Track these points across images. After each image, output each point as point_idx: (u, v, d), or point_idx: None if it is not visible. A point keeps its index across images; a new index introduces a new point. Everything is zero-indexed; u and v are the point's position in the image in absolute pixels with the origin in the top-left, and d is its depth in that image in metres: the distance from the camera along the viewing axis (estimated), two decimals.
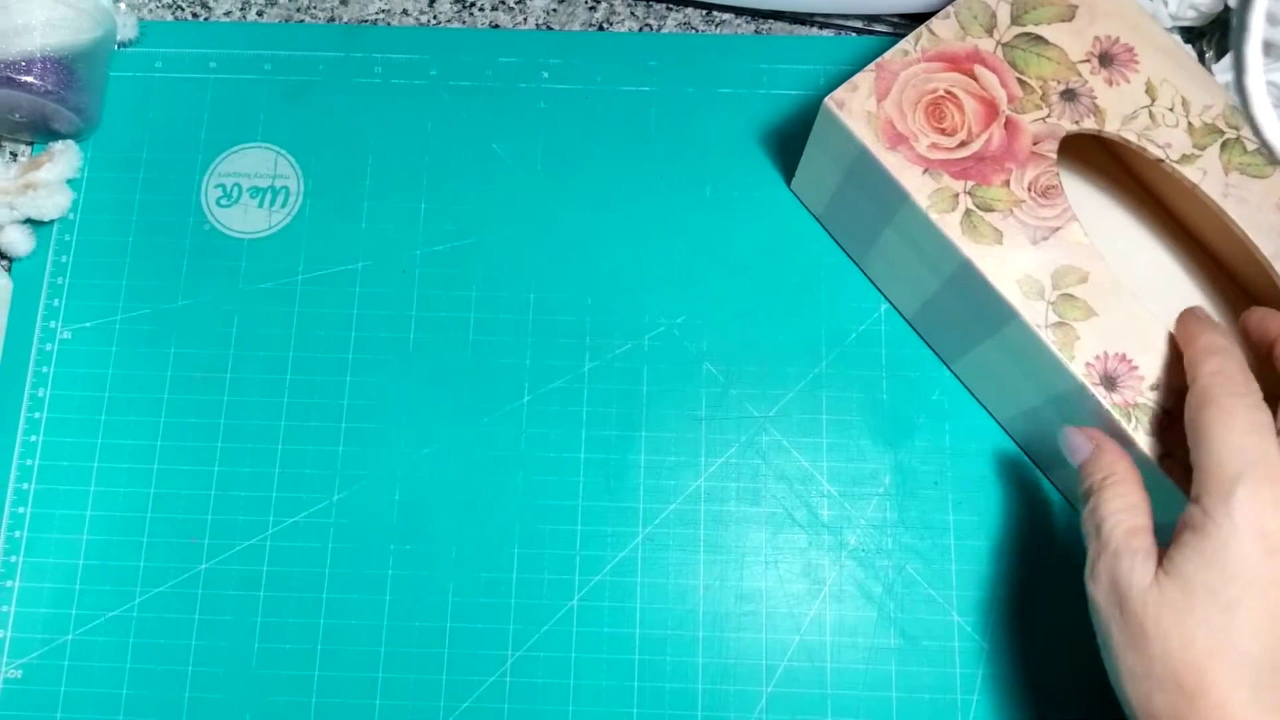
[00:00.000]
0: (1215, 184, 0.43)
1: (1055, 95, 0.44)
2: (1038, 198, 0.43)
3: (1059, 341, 0.41)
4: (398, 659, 0.47)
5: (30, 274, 0.51)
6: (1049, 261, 0.42)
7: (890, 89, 0.44)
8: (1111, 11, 0.45)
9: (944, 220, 0.42)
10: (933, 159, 0.43)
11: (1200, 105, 0.44)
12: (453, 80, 0.54)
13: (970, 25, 0.45)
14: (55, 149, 0.51)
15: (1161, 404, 0.40)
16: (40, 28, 0.48)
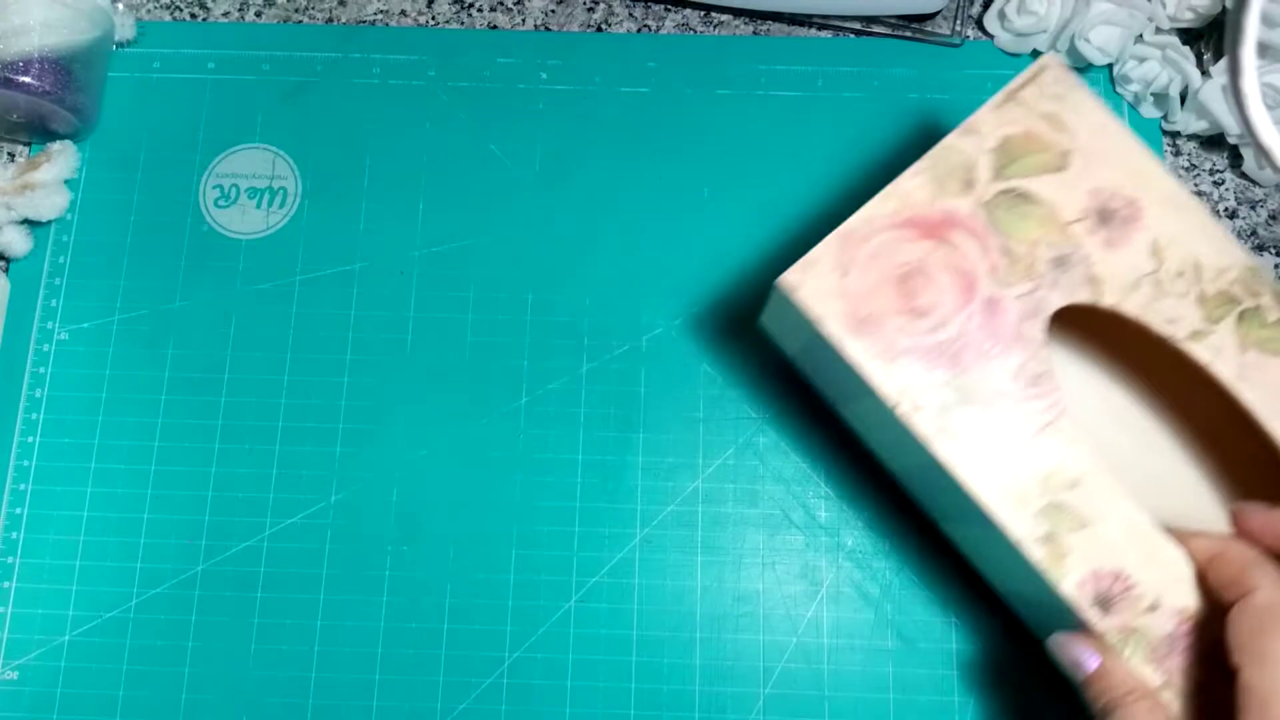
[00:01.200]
0: (1229, 364, 0.37)
1: (1045, 263, 0.38)
2: (1025, 388, 0.37)
3: (1047, 559, 0.36)
4: (395, 660, 0.47)
5: (28, 274, 0.51)
6: (1036, 463, 0.37)
7: (854, 262, 0.38)
8: (1111, 158, 0.39)
9: (917, 420, 0.37)
10: (903, 345, 0.38)
11: (1215, 269, 0.38)
12: (451, 81, 0.54)
13: (946, 182, 0.39)
14: (53, 149, 0.51)
15: (1161, 629, 0.35)
16: (38, 28, 0.48)
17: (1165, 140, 0.53)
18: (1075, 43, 0.52)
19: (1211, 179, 0.53)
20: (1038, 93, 0.40)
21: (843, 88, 0.54)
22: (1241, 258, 0.38)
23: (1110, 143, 0.39)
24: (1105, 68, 0.54)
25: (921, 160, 0.39)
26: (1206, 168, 0.53)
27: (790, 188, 0.52)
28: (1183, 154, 0.53)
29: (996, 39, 0.54)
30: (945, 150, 0.39)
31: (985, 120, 0.39)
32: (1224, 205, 0.53)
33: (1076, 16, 0.52)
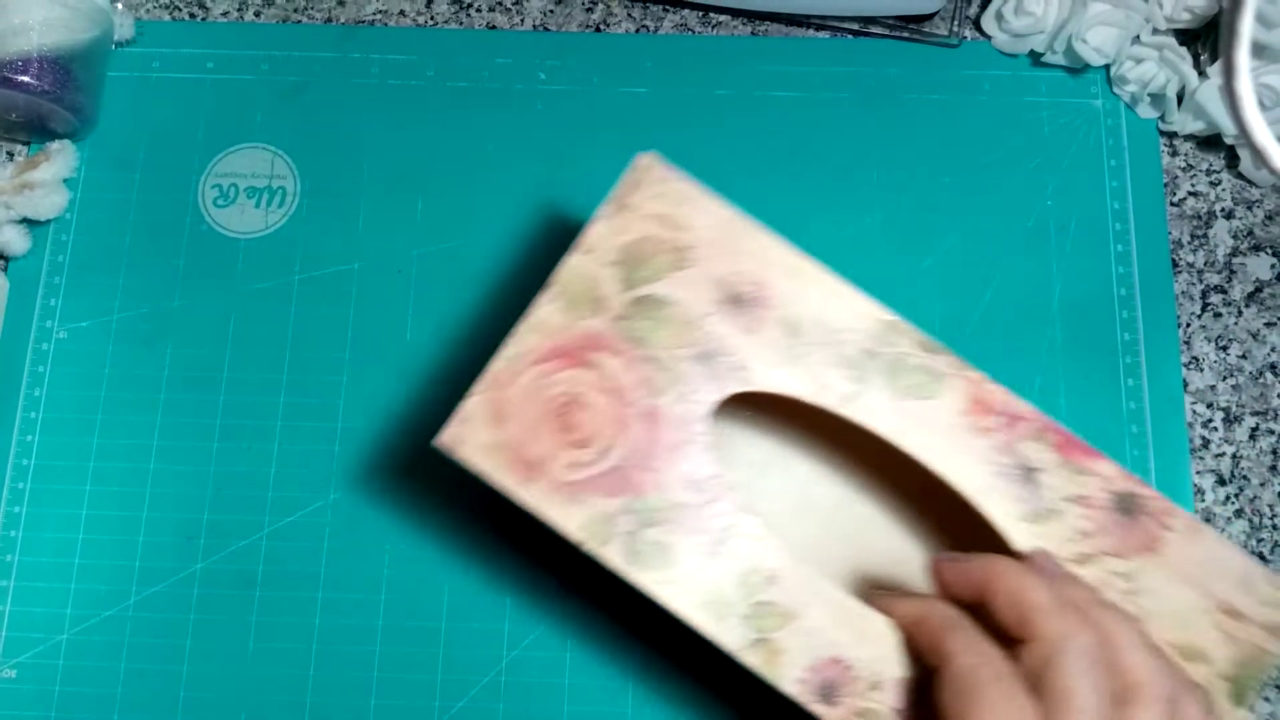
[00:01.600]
0: (886, 419, 0.37)
1: (690, 363, 0.37)
2: (701, 494, 0.37)
3: (763, 663, 0.35)
4: (393, 659, 0.47)
5: (27, 274, 0.51)
6: (730, 568, 0.36)
7: (508, 405, 0.37)
8: (729, 243, 0.39)
9: (607, 553, 0.36)
10: (575, 480, 0.36)
11: (850, 329, 0.38)
12: (450, 81, 0.54)
13: (577, 304, 0.38)
14: (52, 149, 0.51)
15: (890, 704, 0.35)
16: (37, 27, 0.48)
17: (1162, 141, 0.53)
18: (1072, 43, 0.52)
19: (1208, 179, 0.53)
20: (645, 195, 0.39)
21: (840, 88, 0.54)
22: (875, 313, 0.38)
23: (725, 228, 0.39)
24: (1102, 68, 0.54)
25: (551, 287, 0.38)
26: (1203, 168, 0.53)
27: (788, 188, 0.53)
28: (1179, 154, 0.53)
29: (994, 40, 0.54)
30: (569, 272, 0.38)
31: (600, 234, 0.38)
32: (1220, 205, 0.53)
33: (1074, 17, 0.52)
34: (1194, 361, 0.51)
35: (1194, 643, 0.36)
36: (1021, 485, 0.37)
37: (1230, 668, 0.36)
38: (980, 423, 0.37)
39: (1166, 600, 0.37)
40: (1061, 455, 0.37)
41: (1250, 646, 0.36)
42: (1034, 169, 0.53)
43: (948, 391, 0.38)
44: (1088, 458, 0.37)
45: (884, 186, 0.53)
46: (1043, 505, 0.37)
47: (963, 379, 0.38)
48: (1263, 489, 0.49)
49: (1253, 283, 0.52)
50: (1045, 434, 0.37)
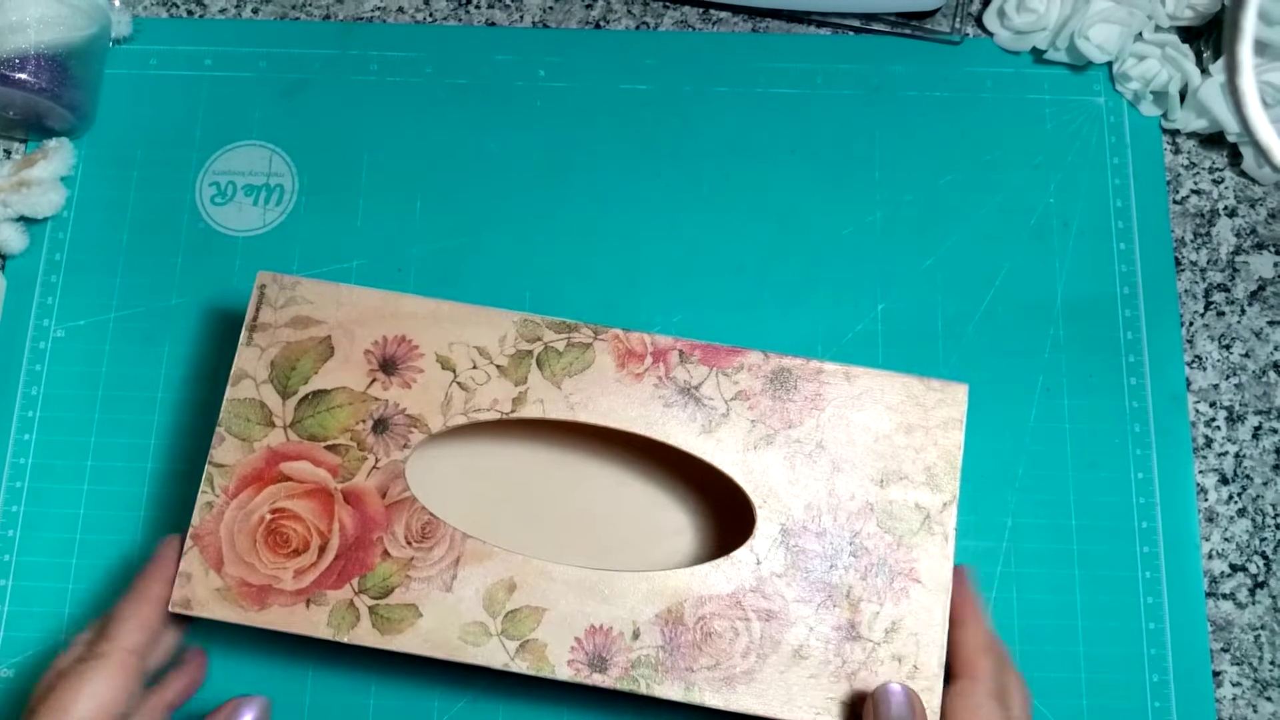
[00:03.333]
0: (560, 404, 0.41)
1: (369, 435, 0.40)
2: (420, 544, 0.39)
3: (533, 664, 0.38)
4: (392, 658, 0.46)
5: (24, 272, 0.51)
6: (472, 596, 0.39)
7: (221, 549, 0.39)
8: (359, 314, 0.41)
9: (358, 635, 0.38)
10: (306, 585, 0.39)
11: (495, 341, 0.41)
12: (449, 78, 0.54)
13: (249, 430, 0.40)
14: (49, 146, 0.51)
15: (654, 644, 0.39)
16: (34, 25, 0.48)
17: (1165, 138, 0.53)
18: (1075, 40, 0.52)
19: (1211, 177, 0.53)
20: (271, 311, 0.42)
21: (842, 85, 0.54)
22: (508, 318, 0.42)
23: (354, 307, 0.42)
24: (1105, 66, 0.54)
25: (218, 430, 0.41)
26: (1206, 166, 0.53)
27: (789, 186, 0.52)
28: (1182, 152, 0.53)
29: (996, 37, 0.54)
30: (229, 410, 0.41)
31: (247, 361, 0.41)
32: (1223, 203, 0.52)
33: (1076, 14, 0.51)
34: (1197, 360, 0.51)
35: (889, 468, 0.40)
36: (689, 406, 0.41)
37: (926, 475, 0.40)
38: (634, 370, 0.41)
39: (851, 443, 0.41)
40: (709, 366, 0.41)
41: (934, 448, 0.41)
42: (1036, 167, 0.53)
43: (598, 357, 0.41)
44: (731, 357, 0.41)
45: (885, 184, 0.52)
46: (714, 414, 0.41)
47: (606, 341, 0.41)
48: (1265, 488, 0.49)
49: (1255, 281, 0.52)
50: (689, 355, 0.41)
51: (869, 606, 0.39)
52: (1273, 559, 0.48)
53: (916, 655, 0.39)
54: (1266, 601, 0.48)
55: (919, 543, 0.40)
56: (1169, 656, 0.47)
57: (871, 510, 0.40)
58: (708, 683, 0.38)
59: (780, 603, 0.39)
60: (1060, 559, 0.48)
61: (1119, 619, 0.47)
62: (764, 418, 0.41)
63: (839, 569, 0.39)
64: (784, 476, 0.40)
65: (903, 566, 0.39)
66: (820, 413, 0.41)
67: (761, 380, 0.41)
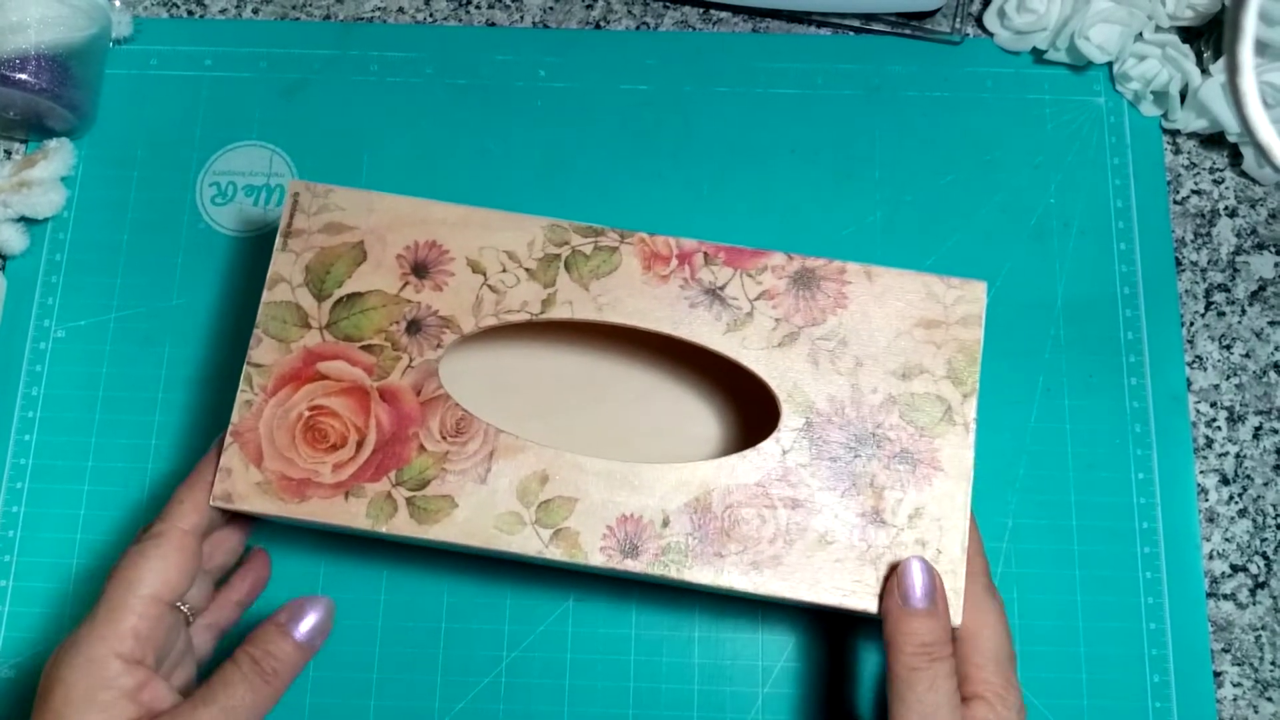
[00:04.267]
0: (588, 306, 0.42)
1: (402, 336, 0.41)
2: (455, 439, 0.40)
3: (567, 551, 0.39)
4: (393, 659, 0.46)
5: (24, 272, 0.51)
6: (505, 488, 0.40)
7: (261, 445, 0.40)
8: (391, 220, 0.43)
9: (396, 525, 0.40)
10: (345, 479, 0.40)
11: (524, 246, 0.42)
12: (449, 78, 0.54)
13: (286, 332, 0.42)
14: (50, 147, 0.51)
15: (683, 532, 0.40)
16: (35, 25, 0.48)
17: (1165, 138, 0.53)
18: (1075, 41, 0.52)
19: (1211, 177, 0.53)
20: (304, 218, 0.43)
21: (842, 85, 0.54)
22: (536, 223, 0.43)
23: (386, 213, 0.43)
24: (1105, 66, 0.54)
25: (255, 332, 0.41)
26: (1206, 166, 0.53)
27: (790, 186, 0.52)
28: (1182, 152, 0.53)
29: (996, 37, 0.54)
30: (266, 313, 0.42)
31: (282, 266, 0.42)
32: (1224, 204, 0.52)
33: (1076, 14, 0.51)
34: (1197, 360, 0.51)
35: (910, 362, 0.41)
36: (714, 306, 0.42)
37: (947, 369, 0.41)
38: (660, 272, 0.42)
39: (873, 340, 0.42)
40: (733, 267, 0.42)
41: (954, 343, 0.42)
42: (1036, 167, 0.53)
43: (624, 259, 0.42)
44: (755, 258, 0.42)
45: (886, 185, 0.52)
46: (739, 314, 0.42)
47: (632, 245, 0.42)
48: (1266, 488, 0.49)
49: (1256, 281, 0.52)
50: (714, 257, 0.42)
51: (892, 494, 0.40)
52: (1273, 559, 0.48)
53: (939, 539, 0.40)
54: (1267, 602, 0.48)
55: (940, 432, 0.41)
56: (1170, 657, 0.47)
57: (894, 402, 0.41)
58: (736, 567, 0.39)
59: (806, 491, 0.40)
60: (1061, 559, 0.48)
61: (1120, 619, 0.47)
62: (788, 316, 0.42)
63: (862, 458, 0.41)
64: (808, 372, 0.41)
65: (925, 455, 0.41)
66: (843, 310, 0.42)
67: (785, 280, 0.42)
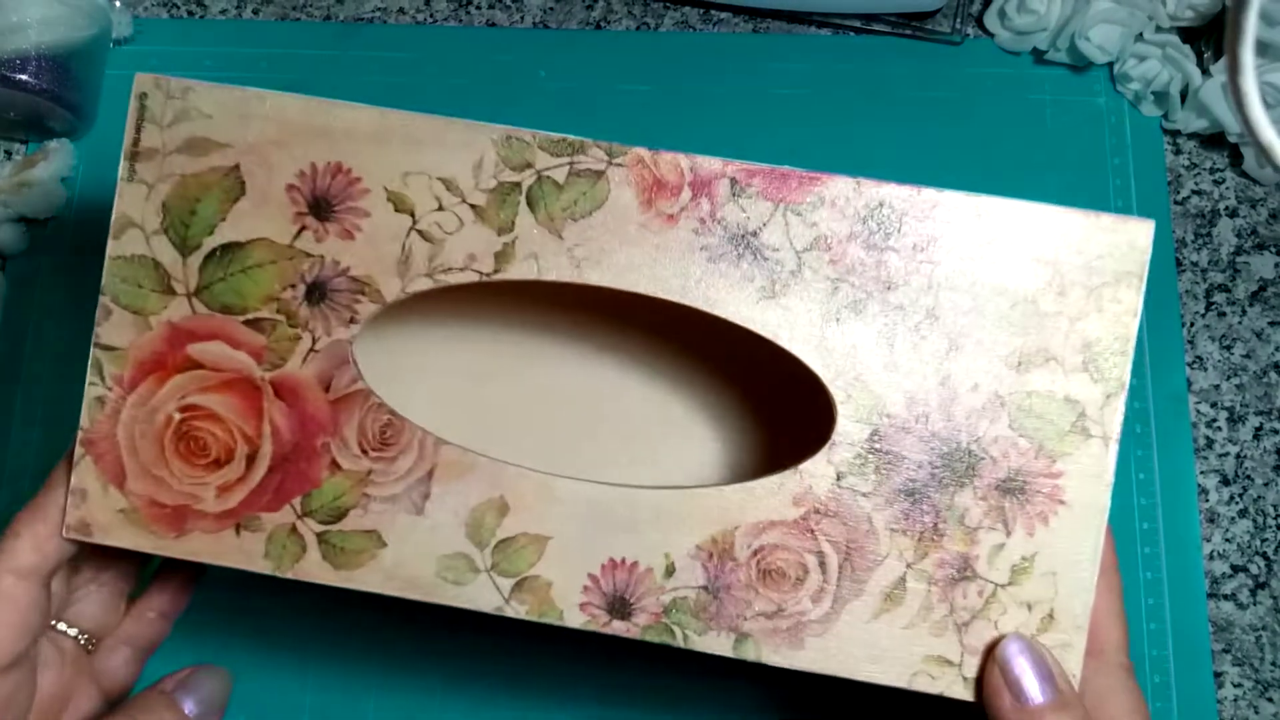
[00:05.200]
0: (561, 261, 0.30)
1: (300, 303, 0.30)
2: (380, 453, 0.30)
3: (535, 608, 0.30)
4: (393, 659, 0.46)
5: (24, 272, 0.51)
6: (450, 521, 0.30)
7: (122, 458, 0.30)
8: (279, 131, 0.31)
9: (305, 569, 0.30)
10: (233, 505, 0.30)
11: (468, 169, 0.30)
12: (449, 79, 0.54)
13: (142, 300, 0.30)
14: (49, 147, 0.51)
15: (694, 582, 0.30)
16: (35, 25, 0.48)
17: (1165, 139, 0.53)
18: (1075, 41, 0.52)
19: (1212, 177, 0.53)
20: (157, 132, 0.31)
21: (842, 86, 0.54)
22: (484, 132, 0.30)
23: (263, 116, 0.31)
24: (1105, 66, 0.54)
25: (101, 299, 0.31)
26: (1207, 166, 0.53)
27: None
28: (1183, 152, 0.53)
29: (997, 37, 0.54)
30: (116, 266, 0.31)
31: (130, 203, 0.30)
32: (1224, 204, 0.52)
33: (1076, 15, 0.51)
34: (1198, 361, 0.51)
35: (1030, 344, 0.30)
36: (743, 260, 0.30)
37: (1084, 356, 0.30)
38: (665, 208, 0.30)
39: (977, 311, 0.30)
40: (774, 201, 0.30)
41: (1099, 316, 0.30)
42: (1036, 167, 0.53)
43: (614, 191, 0.30)
44: (806, 185, 0.30)
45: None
46: (780, 272, 0.30)
47: (623, 167, 0.31)
48: (1267, 489, 0.49)
49: (1257, 281, 0.52)
50: (745, 184, 0.31)
51: (991, 536, 0.30)
52: (1274, 560, 0.48)
53: (1054, 600, 0.29)
54: (1268, 602, 0.48)
55: (1068, 450, 0.30)
56: (1170, 657, 0.47)
57: (1002, 405, 0.30)
58: (765, 635, 0.30)
59: (866, 530, 0.30)
60: None
61: None
62: (850, 274, 0.30)
63: (951, 486, 0.30)
64: (878, 358, 0.30)
65: (1043, 483, 0.30)
66: (935, 267, 0.30)
67: (850, 221, 0.30)
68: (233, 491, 0.30)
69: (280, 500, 0.30)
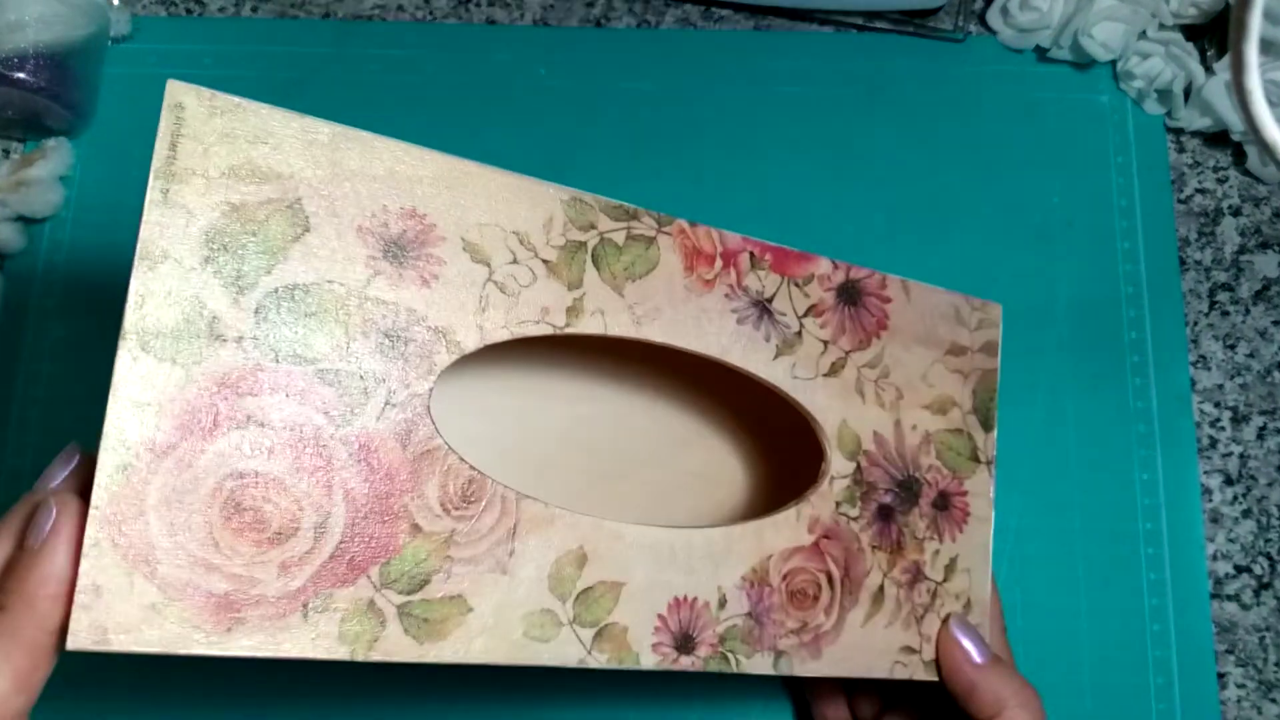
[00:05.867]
0: (623, 317, 0.31)
1: (373, 357, 0.28)
2: (462, 511, 0.28)
3: (614, 655, 0.30)
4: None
5: (23, 272, 0.51)
6: (534, 576, 0.29)
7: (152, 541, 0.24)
8: (354, 175, 0.28)
9: (388, 650, 0.27)
10: (300, 585, 0.26)
11: (539, 226, 0.31)
12: (449, 77, 0.54)
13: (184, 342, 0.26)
14: (48, 146, 0.51)
15: (741, 610, 0.33)
16: (33, 24, 0.48)
17: (1169, 137, 0.53)
18: (1078, 39, 0.51)
19: (1215, 176, 0.53)
20: (198, 150, 0.27)
21: (844, 83, 0.54)
22: (554, 194, 0.31)
23: (336, 154, 0.28)
24: (1108, 64, 0.53)
25: (127, 339, 0.25)
26: (1210, 165, 0.53)
27: (791, 184, 0.52)
28: (1186, 151, 0.53)
29: (999, 35, 0.54)
30: (143, 304, 0.25)
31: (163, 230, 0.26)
32: (1228, 202, 0.52)
33: (1080, 12, 0.51)
34: (1201, 360, 0.50)
35: (942, 394, 0.38)
36: (761, 322, 0.34)
37: (971, 400, 0.39)
38: (704, 275, 0.33)
39: (911, 368, 0.37)
40: (781, 274, 0.35)
41: (977, 373, 0.39)
42: (1039, 165, 0.52)
43: (663, 255, 0.32)
44: (802, 263, 0.35)
45: (888, 183, 0.52)
46: (788, 332, 0.35)
47: (670, 236, 0.33)
48: (1270, 488, 0.49)
49: (1260, 280, 0.51)
50: (760, 259, 0.34)
51: (931, 544, 0.37)
52: (1278, 560, 0.48)
53: (969, 590, 0.37)
54: (1271, 603, 0.48)
55: (969, 473, 0.38)
56: (1173, 658, 0.47)
57: (929, 441, 0.37)
58: (795, 650, 0.34)
59: (857, 548, 0.35)
60: (1064, 561, 0.48)
61: (1123, 621, 0.47)
62: (835, 338, 0.36)
63: (908, 506, 0.36)
64: (855, 406, 0.36)
65: (958, 500, 0.37)
66: (885, 332, 0.37)
67: (832, 293, 0.36)
68: (298, 568, 0.26)
69: (356, 572, 0.27)
